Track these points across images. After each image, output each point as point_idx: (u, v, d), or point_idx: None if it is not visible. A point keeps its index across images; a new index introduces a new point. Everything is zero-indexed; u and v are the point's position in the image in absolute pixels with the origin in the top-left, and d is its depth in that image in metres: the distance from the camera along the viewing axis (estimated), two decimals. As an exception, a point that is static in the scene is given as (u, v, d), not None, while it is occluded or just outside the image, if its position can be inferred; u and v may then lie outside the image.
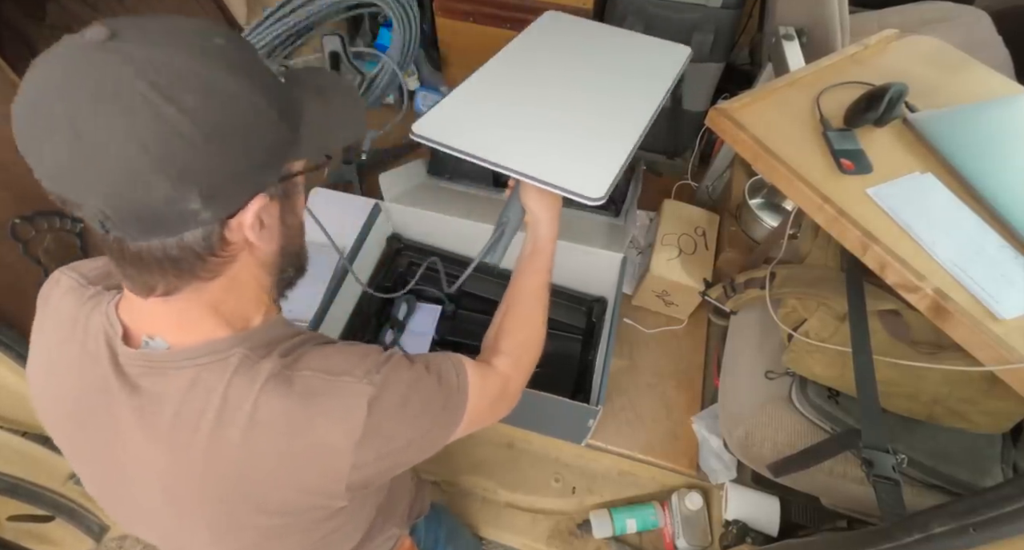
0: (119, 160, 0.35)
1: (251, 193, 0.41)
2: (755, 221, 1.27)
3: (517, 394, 0.65)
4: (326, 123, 0.47)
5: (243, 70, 0.38)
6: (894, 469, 0.69)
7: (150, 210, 0.37)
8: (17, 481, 1.00)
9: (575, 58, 0.84)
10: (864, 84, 0.81)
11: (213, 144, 0.36)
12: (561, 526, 1.14)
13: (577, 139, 0.70)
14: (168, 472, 0.47)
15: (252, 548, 0.52)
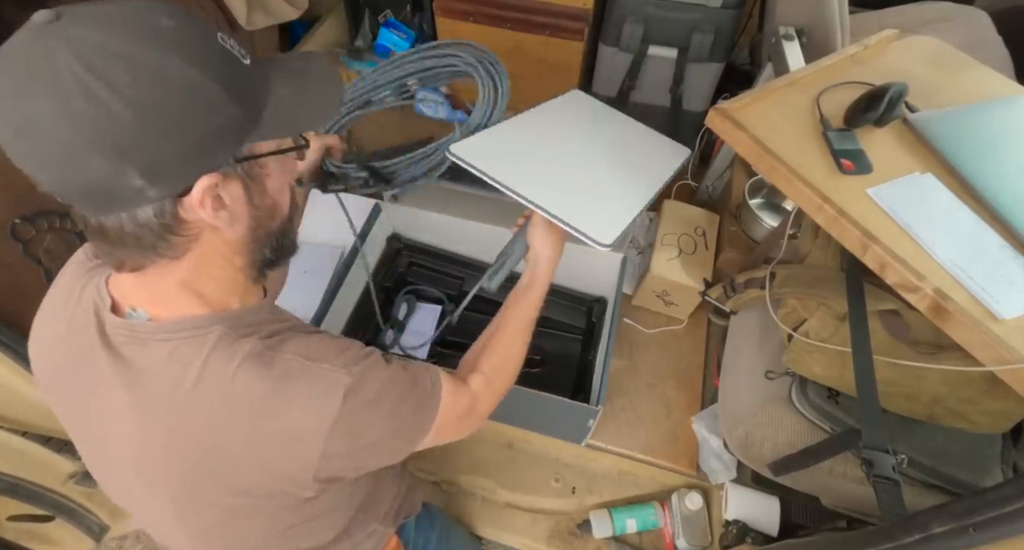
0: (54, 138, 0.36)
1: (197, 173, 0.41)
2: (755, 221, 1.27)
3: (485, 415, 0.66)
4: (297, 105, 0.47)
5: (187, 51, 0.39)
6: (894, 469, 0.69)
7: (94, 186, 0.39)
8: (17, 481, 1.00)
9: (599, 130, 0.95)
10: (864, 84, 0.81)
11: (147, 123, 0.37)
12: (561, 526, 1.14)
13: (594, 192, 0.78)
14: (140, 442, 0.48)
15: (216, 527, 0.52)
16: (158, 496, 0.51)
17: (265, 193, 0.48)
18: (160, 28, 0.38)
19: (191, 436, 0.46)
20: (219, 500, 0.49)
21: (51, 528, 1.09)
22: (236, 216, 0.46)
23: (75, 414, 0.53)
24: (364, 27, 1.77)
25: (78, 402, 0.52)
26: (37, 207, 0.89)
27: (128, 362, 0.47)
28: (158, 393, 0.46)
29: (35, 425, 1.01)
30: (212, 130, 0.41)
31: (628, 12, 1.33)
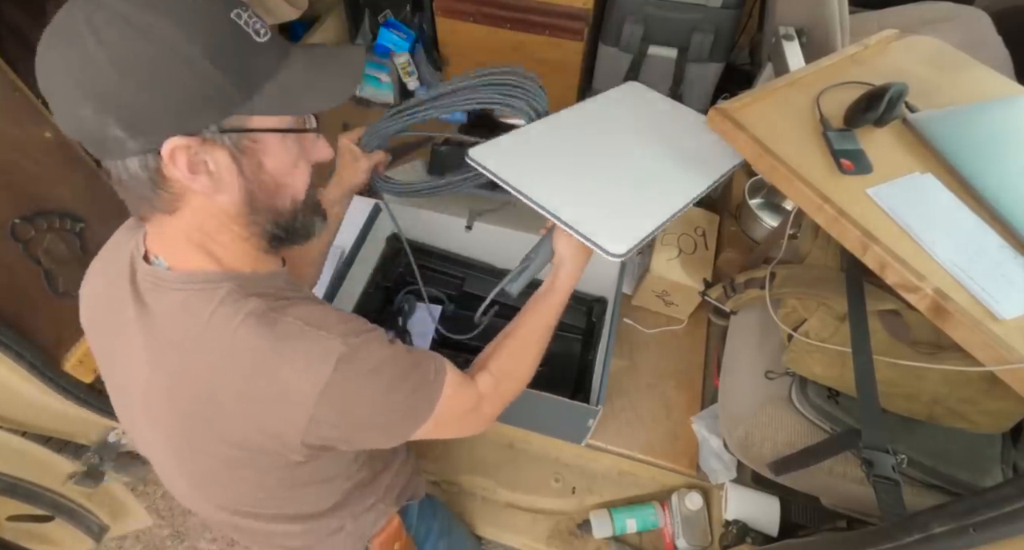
0: (61, 85, 0.41)
1: (169, 132, 0.43)
2: (755, 221, 1.27)
3: (490, 417, 0.66)
4: (302, 88, 0.48)
5: (183, 18, 0.41)
6: (894, 469, 0.69)
7: (87, 133, 0.43)
8: (17, 481, 1.00)
9: (640, 128, 0.86)
10: (864, 84, 0.81)
11: (124, 77, 0.40)
12: (561, 526, 1.14)
13: (619, 197, 0.72)
14: (147, 384, 0.51)
15: (209, 475, 0.54)
16: (160, 440, 0.54)
17: (261, 169, 0.48)
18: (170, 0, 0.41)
19: (190, 382, 0.49)
20: (211, 448, 0.51)
21: (51, 528, 1.09)
22: (224, 184, 0.47)
23: (105, 357, 0.57)
24: (364, 27, 1.76)
25: (108, 345, 0.55)
26: (37, 207, 0.89)
27: (148, 307, 0.50)
28: (167, 338, 0.49)
29: (35, 425, 1.01)
30: (190, 95, 0.42)
31: (628, 12, 1.33)
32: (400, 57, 1.69)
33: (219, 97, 0.44)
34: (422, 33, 1.72)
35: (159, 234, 0.51)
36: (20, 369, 0.89)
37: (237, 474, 0.53)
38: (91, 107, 0.41)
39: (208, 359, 0.48)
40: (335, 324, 0.50)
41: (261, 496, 0.57)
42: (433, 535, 0.83)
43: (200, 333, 0.48)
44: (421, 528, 0.81)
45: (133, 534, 1.32)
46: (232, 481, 0.55)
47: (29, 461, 1.01)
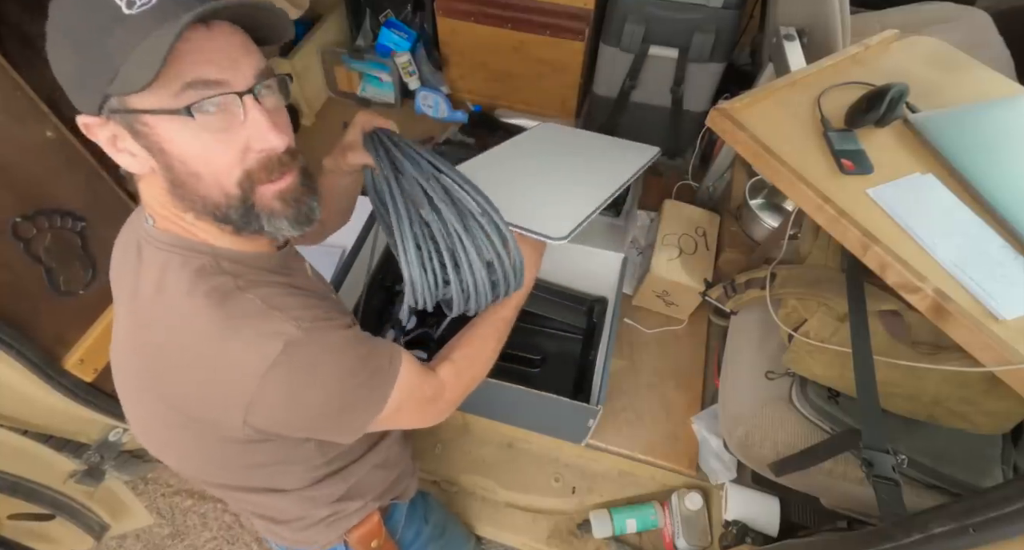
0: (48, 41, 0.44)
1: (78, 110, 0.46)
2: (756, 221, 1.26)
3: (452, 404, 0.67)
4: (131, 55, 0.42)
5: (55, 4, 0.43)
6: (894, 470, 0.69)
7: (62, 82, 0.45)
8: (17, 479, 1.00)
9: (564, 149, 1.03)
10: (865, 84, 0.81)
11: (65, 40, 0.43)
12: (561, 526, 1.14)
13: (551, 197, 0.84)
14: (121, 333, 0.54)
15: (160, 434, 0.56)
16: (126, 400, 0.56)
17: (164, 153, 0.45)
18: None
19: (147, 342, 0.50)
20: (154, 405, 0.53)
21: (51, 527, 1.09)
22: (143, 163, 0.47)
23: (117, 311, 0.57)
24: (365, 27, 1.76)
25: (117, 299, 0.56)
26: (38, 206, 0.89)
27: (143, 263, 0.51)
28: (139, 293, 0.50)
29: (36, 424, 1.01)
30: (71, 75, 0.44)
31: (629, 12, 1.33)
32: (401, 57, 1.69)
33: (88, 78, 0.43)
34: (423, 33, 1.72)
35: (143, 191, 0.52)
36: (21, 367, 0.89)
37: (176, 436, 0.55)
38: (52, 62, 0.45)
39: (167, 321, 0.49)
40: (295, 308, 0.50)
41: (212, 467, 0.58)
42: (422, 538, 0.82)
43: (168, 295, 0.49)
44: (409, 531, 0.80)
45: (133, 533, 1.32)
46: (174, 442, 0.56)
47: (30, 460, 1.01)
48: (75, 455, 1.07)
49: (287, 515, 0.66)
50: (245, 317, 0.48)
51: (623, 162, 0.96)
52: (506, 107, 1.73)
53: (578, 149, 1.04)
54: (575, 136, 1.09)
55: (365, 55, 1.71)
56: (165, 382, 0.50)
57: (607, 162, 0.95)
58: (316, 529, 0.67)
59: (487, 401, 1.13)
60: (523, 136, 1.05)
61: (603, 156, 0.99)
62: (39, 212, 0.89)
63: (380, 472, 0.73)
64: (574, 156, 1.00)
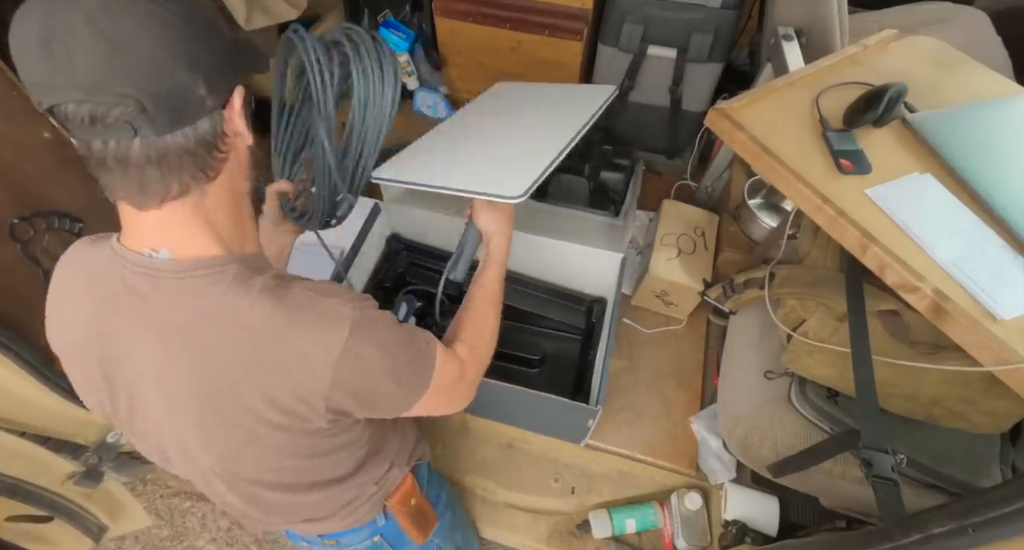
0: (149, 55, 0.42)
1: (232, 84, 0.48)
2: (754, 221, 1.27)
3: (473, 383, 0.69)
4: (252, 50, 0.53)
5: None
6: (893, 469, 0.69)
7: (176, 97, 0.44)
8: (16, 481, 1.00)
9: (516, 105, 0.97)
10: (863, 84, 0.81)
11: (198, 37, 0.44)
12: (560, 526, 1.14)
13: (504, 157, 0.80)
14: (158, 370, 0.52)
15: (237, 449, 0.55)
16: (184, 422, 0.54)
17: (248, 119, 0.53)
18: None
19: (211, 360, 0.50)
20: (238, 420, 0.52)
21: (50, 528, 1.09)
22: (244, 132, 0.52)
23: (102, 370, 0.56)
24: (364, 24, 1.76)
25: (107, 355, 0.55)
26: (35, 207, 0.89)
27: (151, 301, 0.50)
28: (176, 322, 0.50)
29: (34, 425, 1.00)
30: (228, 47, 0.48)
31: (627, 12, 1.33)
32: (400, 57, 1.69)
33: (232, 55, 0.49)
34: (421, 33, 1.71)
35: (164, 224, 0.50)
36: (19, 369, 0.89)
37: (264, 444, 0.55)
38: (184, 69, 0.44)
39: (227, 336, 0.49)
40: (342, 291, 0.54)
41: (286, 465, 0.58)
42: (442, 502, 0.85)
43: (215, 313, 0.50)
44: (431, 492, 0.83)
45: (132, 534, 1.31)
46: (259, 452, 0.56)
47: (28, 461, 1.01)
48: (73, 457, 1.06)
49: (337, 504, 0.67)
50: (305, 309, 0.51)
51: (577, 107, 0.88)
52: (505, 107, 1.73)
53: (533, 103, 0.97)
54: (530, 90, 1.03)
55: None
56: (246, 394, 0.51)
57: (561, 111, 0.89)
58: (364, 507, 0.69)
59: (487, 402, 1.13)
60: (479, 99, 1.01)
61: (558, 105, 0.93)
62: (36, 213, 0.89)
63: (407, 438, 0.77)
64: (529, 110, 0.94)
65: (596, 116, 0.86)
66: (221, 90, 0.47)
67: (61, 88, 0.41)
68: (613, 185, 1.38)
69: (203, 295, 0.50)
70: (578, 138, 0.79)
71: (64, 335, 0.57)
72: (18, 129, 0.85)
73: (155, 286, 0.50)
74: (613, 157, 1.40)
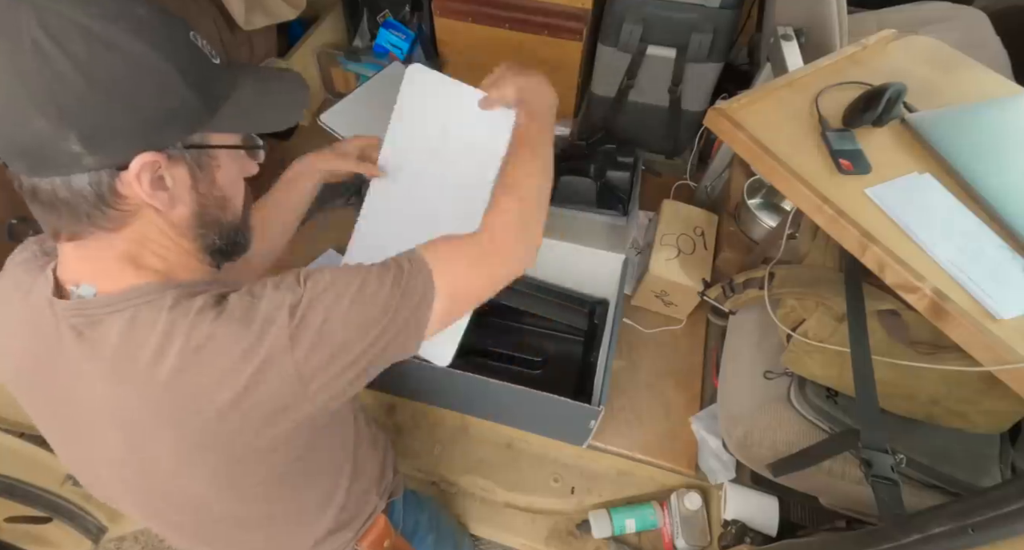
0: (7, 95, 0.39)
1: (138, 149, 0.43)
2: (754, 221, 1.27)
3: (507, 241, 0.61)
4: (256, 108, 0.51)
5: (152, 37, 0.42)
6: (893, 469, 0.69)
7: (31, 145, 0.41)
8: (14, 482, 0.99)
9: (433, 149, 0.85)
10: (863, 84, 0.81)
11: (96, 92, 0.40)
12: (560, 526, 1.14)
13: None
14: (119, 406, 0.48)
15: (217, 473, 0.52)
16: (153, 455, 0.50)
17: (214, 183, 0.50)
18: (132, 13, 0.42)
19: (170, 389, 0.46)
20: (215, 441, 0.49)
21: (49, 529, 1.09)
22: (178, 199, 0.48)
23: (44, 405, 0.54)
24: (363, 27, 1.76)
25: (47, 393, 0.52)
26: (34, 207, 0.89)
27: (89, 339, 0.47)
28: (126, 358, 0.46)
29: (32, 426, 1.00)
30: (162, 111, 0.44)
31: (627, 12, 1.33)
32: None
33: (186, 114, 0.45)
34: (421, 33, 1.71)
35: (85, 257, 0.48)
36: (18, 370, 0.88)
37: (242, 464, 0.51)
38: (47, 119, 0.39)
39: (177, 361, 0.46)
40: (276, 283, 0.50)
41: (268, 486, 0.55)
42: (422, 527, 0.83)
43: (160, 343, 0.46)
44: (409, 522, 0.81)
45: (132, 535, 1.31)
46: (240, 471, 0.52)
47: (27, 462, 1.00)
48: (72, 457, 1.06)
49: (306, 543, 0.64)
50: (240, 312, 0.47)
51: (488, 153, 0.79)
52: (504, 107, 1.73)
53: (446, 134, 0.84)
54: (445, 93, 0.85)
55: (362, 56, 1.71)
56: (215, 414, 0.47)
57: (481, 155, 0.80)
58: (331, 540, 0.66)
59: (488, 402, 1.13)
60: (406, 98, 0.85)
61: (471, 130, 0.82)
62: (35, 214, 0.89)
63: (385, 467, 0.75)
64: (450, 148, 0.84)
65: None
66: (113, 153, 0.42)
67: None
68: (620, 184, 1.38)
69: (145, 325, 0.46)
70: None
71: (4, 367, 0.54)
72: (17, 129, 0.86)
73: (90, 325, 0.47)
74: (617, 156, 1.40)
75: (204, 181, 0.49)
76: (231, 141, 0.50)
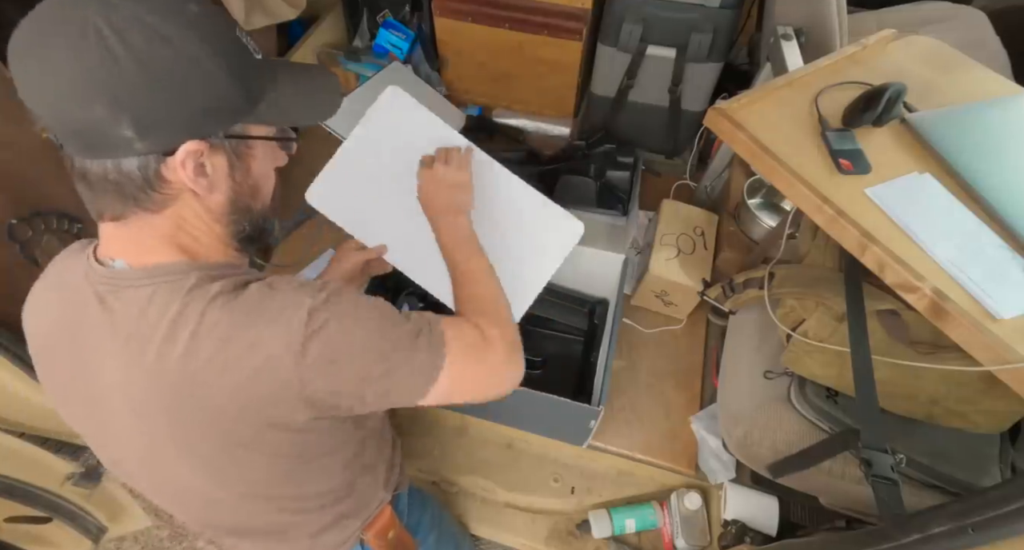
0: (66, 78, 0.41)
1: (185, 137, 0.46)
2: (754, 221, 1.27)
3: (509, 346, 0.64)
4: (295, 102, 0.53)
5: (203, 32, 0.45)
6: (893, 469, 0.69)
7: (87, 129, 0.43)
8: (14, 482, 1.00)
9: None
10: (862, 84, 0.81)
11: (150, 82, 0.42)
12: (560, 526, 1.14)
13: None
14: (129, 384, 0.50)
15: (218, 458, 0.53)
16: (157, 436, 0.52)
17: (248, 173, 0.53)
18: (185, 10, 0.45)
19: (174, 372, 0.48)
20: (211, 430, 0.50)
21: (49, 529, 1.09)
22: (215, 186, 0.50)
23: (65, 377, 0.56)
24: (362, 27, 1.76)
25: (69, 363, 0.54)
26: (34, 208, 0.89)
27: (111, 310, 0.50)
28: (138, 332, 0.49)
29: (33, 426, 1.00)
30: (208, 103, 0.46)
31: (627, 12, 1.33)
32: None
33: (229, 106, 0.48)
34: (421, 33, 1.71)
35: (122, 236, 0.50)
36: (17, 370, 0.88)
37: (243, 453, 0.52)
38: (104, 105, 0.42)
39: (185, 346, 0.47)
40: (300, 284, 0.51)
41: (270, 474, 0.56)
42: (424, 525, 0.84)
43: (172, 323, 0.48)
44: (412, 518, 0.81)
45: (131, 535, 1.31)
46: (240, 461, 0.53)
47: (27, 462, 1.00)
48: (72, 457, 1.06)
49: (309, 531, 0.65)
50: (257, 304, 0.49)
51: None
52: (504, 107, 1.73)
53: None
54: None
55: (362, 56, 1.71)
56: (214, 402, 0.49)
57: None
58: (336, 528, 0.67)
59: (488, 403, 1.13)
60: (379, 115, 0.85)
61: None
62: (35, 214, 0.89)
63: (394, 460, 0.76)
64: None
65: None
66: (162, 139, 0.45)
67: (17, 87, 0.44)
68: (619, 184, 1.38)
69: (164, 303, 0.48)
70: None
71: (32, 333, 0.58)
72: (16, 129, 0.85)
73: (116, 296, 0.50)
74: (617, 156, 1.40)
75: (240, 170, 0.52)
76: (267, 133, 0.53)
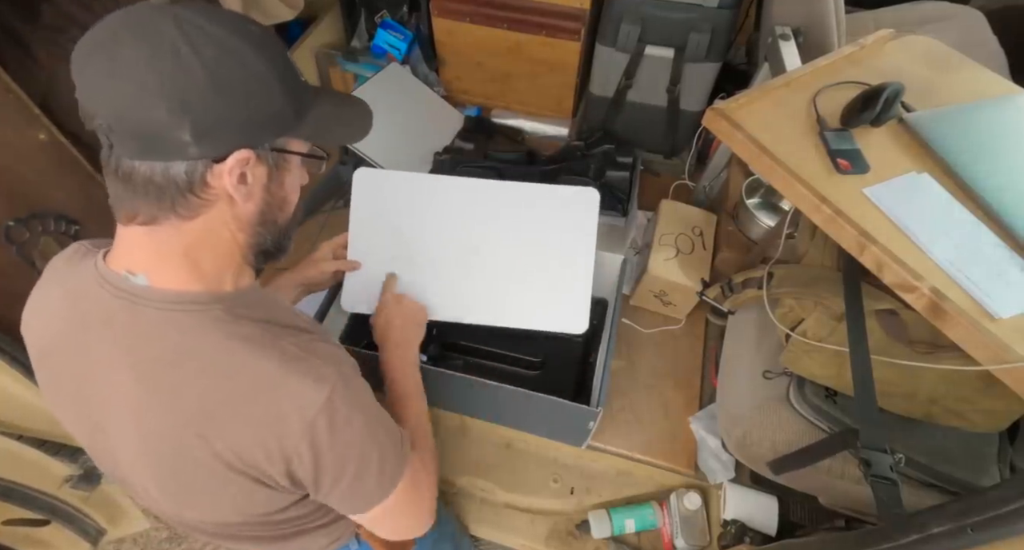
0: (135, 81, 0.43)
1: (238, 144, 0.48)
2: (752, 221, 1.27)
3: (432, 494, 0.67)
4: (333, 123, 0.56)
5: (265, 52, 0.48)
6: (892, 469, 0.69)
7: (148, 131, 0.44)
8: (12, 485, 0.99)
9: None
10: (860, 84, 0.81)
11: (216, 91, 0.45)
12: (559, 526, 1.14)
13: None
14: (139, 407, 0.51)
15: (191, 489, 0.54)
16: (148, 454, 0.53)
17: (282, 186, 0.55)
18: (249, 29, 0.48)
19: (185, 399, 0.49)
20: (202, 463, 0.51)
21: (47, 532, 1.08)
22: (251, 194, 0.52)
23: (74, 384, 0.55)
24: (360, 27, 1.76)
25: (71, 372, 0.54)
26: (31, 210, 0.89)
27: (122, 325, 0.50)
28: (156, 355, 0.49)
29: (31, 428, 1.00)
30: (263, 114, 0.48)
31: (625, 12, 1.33)
32: (397, 57, 1.68)
33: (280, 120, 0.50)
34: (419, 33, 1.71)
35: (146, 244, 0.50)
36: (15, 372, 0.88)
37: (215, 493, 0.54)
38: (169, 110, 0.43)
39: (207, 381, 0.49)
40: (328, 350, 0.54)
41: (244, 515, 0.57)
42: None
43: (195, 353, 0.49)
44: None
45: (130, 537, 1.31)
46: (215, 496, 0.54)
47: (25, 465, 1.00)
48: (70, 460, 1.06)
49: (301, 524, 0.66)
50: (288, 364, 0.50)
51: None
52: (503, 108, 1.73)
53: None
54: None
55: (360, 57, 1.71)
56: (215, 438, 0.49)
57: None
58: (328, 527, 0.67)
59: (487, 404, 1.13)
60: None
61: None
62: (33, 215, 0.89)
63: None
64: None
65: None
66: (216, 145, 0.47)
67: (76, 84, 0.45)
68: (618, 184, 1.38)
69: (184, 332, 0.49)
70: None
71: (35, 336, 0.58)
72: (13, 131, 0.85)
73: (133, 313, 0.50)
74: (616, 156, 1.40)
75: (276, 181, 0.53)
76: (304, 149, 0.55)
